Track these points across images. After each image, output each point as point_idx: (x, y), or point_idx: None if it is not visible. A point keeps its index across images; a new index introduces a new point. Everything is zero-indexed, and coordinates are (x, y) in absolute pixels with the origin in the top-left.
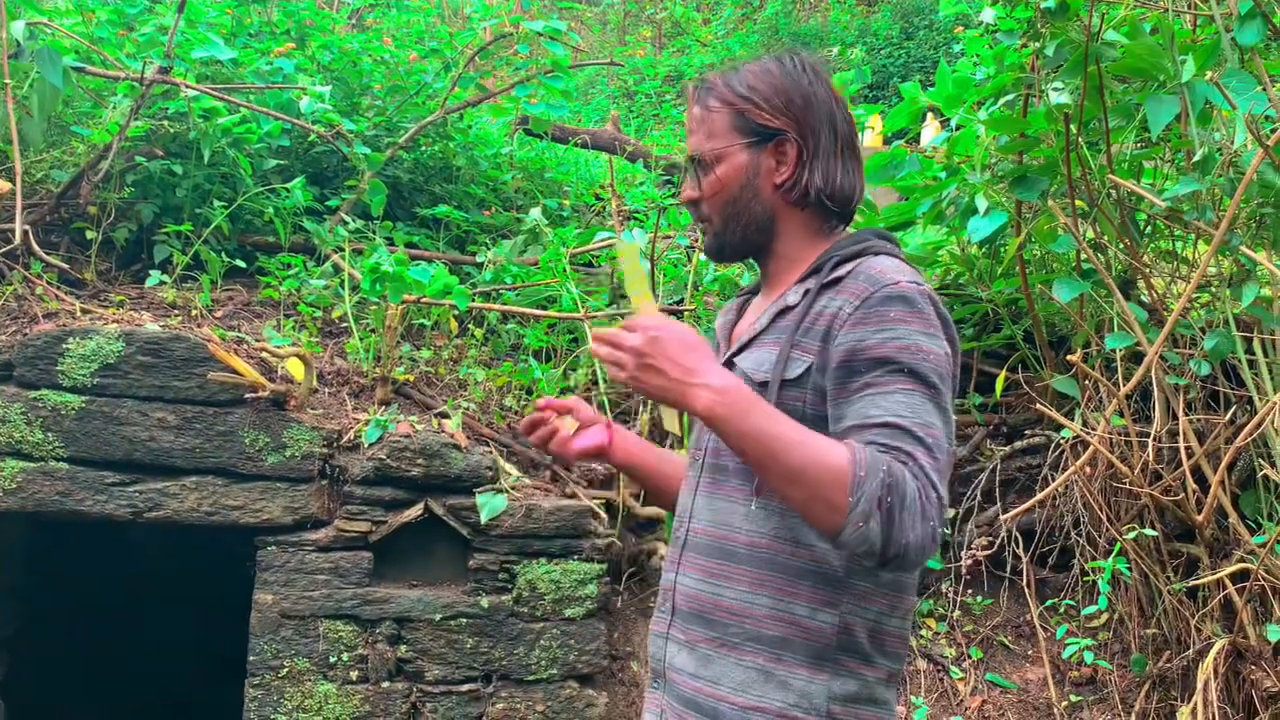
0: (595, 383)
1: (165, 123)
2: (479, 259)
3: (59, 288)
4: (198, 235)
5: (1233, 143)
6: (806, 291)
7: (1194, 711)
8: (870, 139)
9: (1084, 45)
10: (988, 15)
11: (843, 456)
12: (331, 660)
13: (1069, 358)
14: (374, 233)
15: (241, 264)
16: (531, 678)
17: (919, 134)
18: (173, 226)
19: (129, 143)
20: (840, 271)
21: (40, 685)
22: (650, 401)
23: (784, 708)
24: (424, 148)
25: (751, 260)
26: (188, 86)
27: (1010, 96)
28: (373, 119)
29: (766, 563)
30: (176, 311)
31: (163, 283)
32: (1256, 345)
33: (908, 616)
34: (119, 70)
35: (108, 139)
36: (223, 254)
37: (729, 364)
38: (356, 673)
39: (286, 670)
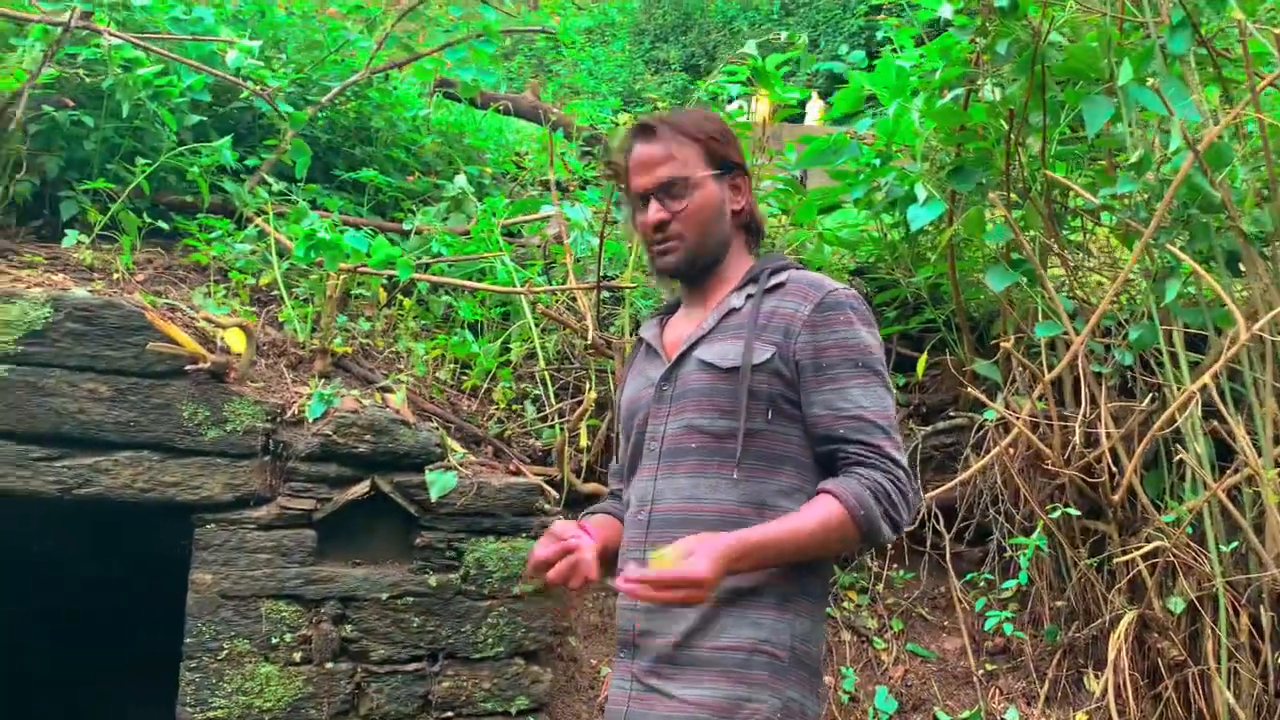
0: (532, 356)
1: (80, 71)
2: (405, 226)
3: None
4: (107, 193)
5: (1162, 146)
6: (749, 296)
7: (1106, 680)
8: (813, 119)
9: (1032, 45)
10: (946, 11)
11: (837, 510)
12: (274, 641)
13: (1002, 343)
14: (296, 195)
15: (163, 225)
16: (478, 655)
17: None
18: (87, 184)
19: (37, 90)
20: (779, 279)
21: None
22: (594, 379)
23: (756, 643)
24: (339, 107)
25: (680, 279)
26: (111, 34)
27: (958, 91)
28: (291, 75)
29: (734, 525)
30: (97, 274)
31: (80, 243)
32: (1177, 337)
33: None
34: (37, 13)
35: (15, 86)
36: (140, 214)
37: (682, 357)
38: (300, 654)
39: (226, 652)
